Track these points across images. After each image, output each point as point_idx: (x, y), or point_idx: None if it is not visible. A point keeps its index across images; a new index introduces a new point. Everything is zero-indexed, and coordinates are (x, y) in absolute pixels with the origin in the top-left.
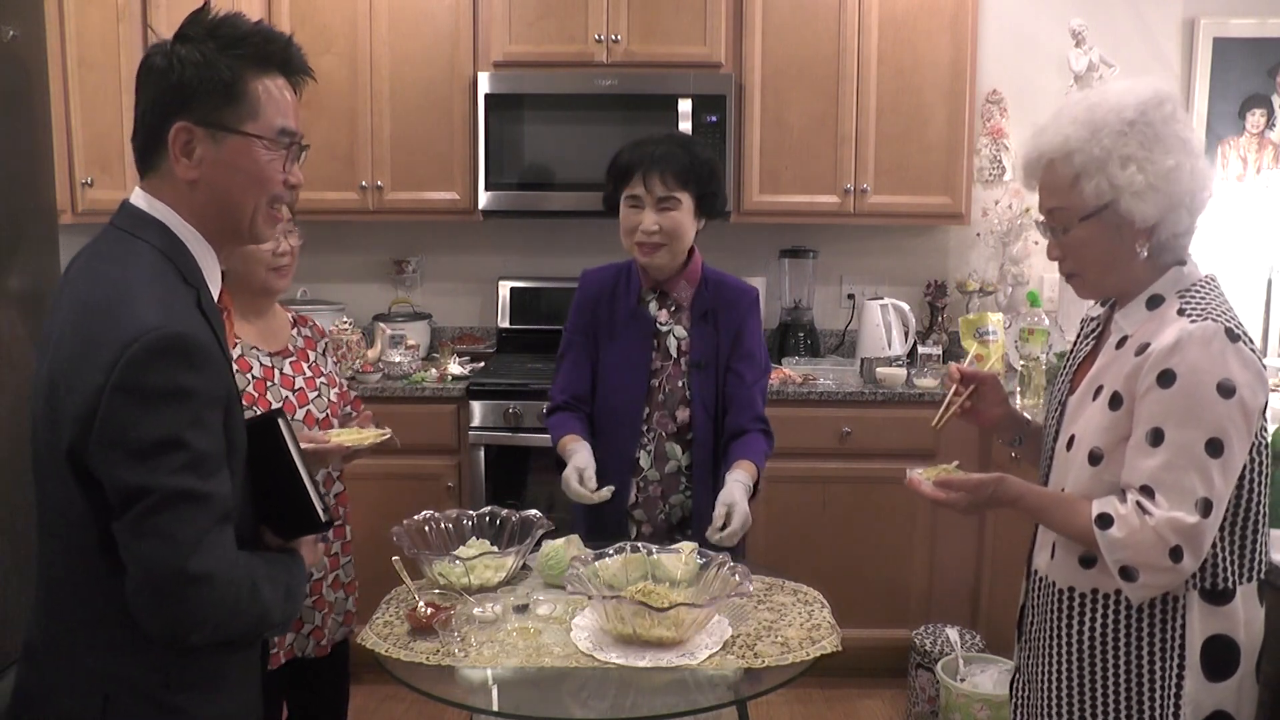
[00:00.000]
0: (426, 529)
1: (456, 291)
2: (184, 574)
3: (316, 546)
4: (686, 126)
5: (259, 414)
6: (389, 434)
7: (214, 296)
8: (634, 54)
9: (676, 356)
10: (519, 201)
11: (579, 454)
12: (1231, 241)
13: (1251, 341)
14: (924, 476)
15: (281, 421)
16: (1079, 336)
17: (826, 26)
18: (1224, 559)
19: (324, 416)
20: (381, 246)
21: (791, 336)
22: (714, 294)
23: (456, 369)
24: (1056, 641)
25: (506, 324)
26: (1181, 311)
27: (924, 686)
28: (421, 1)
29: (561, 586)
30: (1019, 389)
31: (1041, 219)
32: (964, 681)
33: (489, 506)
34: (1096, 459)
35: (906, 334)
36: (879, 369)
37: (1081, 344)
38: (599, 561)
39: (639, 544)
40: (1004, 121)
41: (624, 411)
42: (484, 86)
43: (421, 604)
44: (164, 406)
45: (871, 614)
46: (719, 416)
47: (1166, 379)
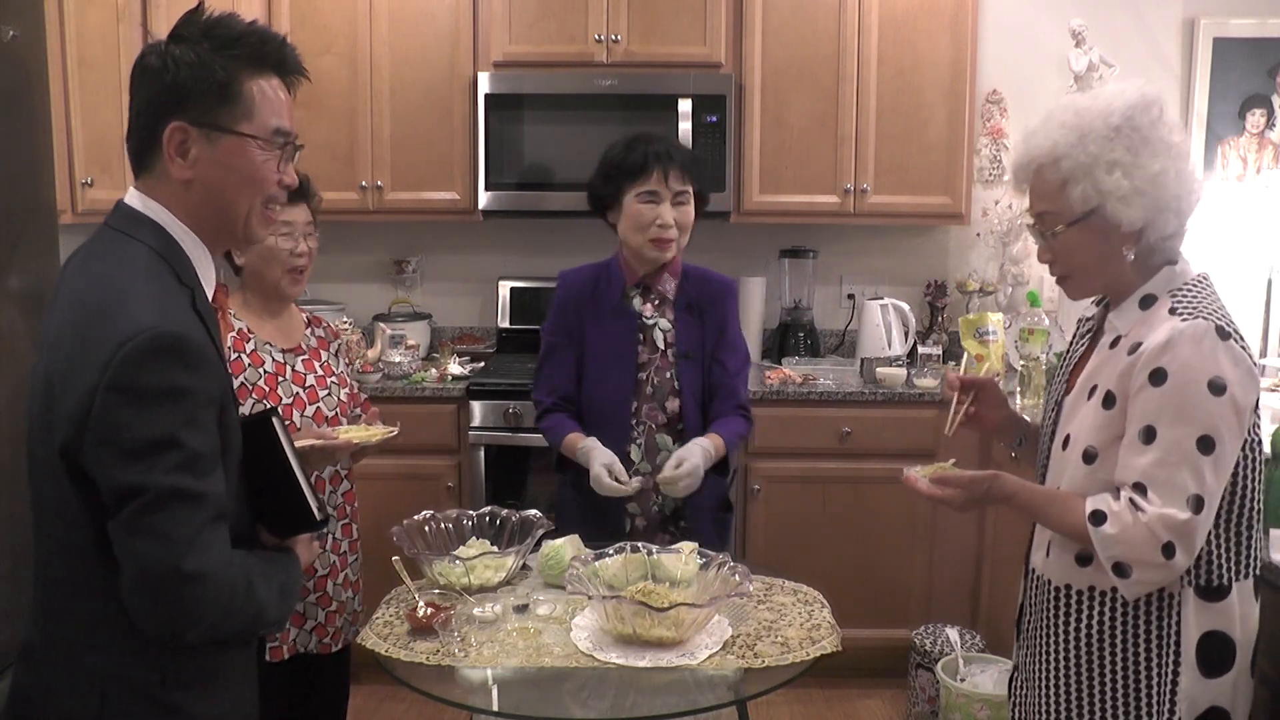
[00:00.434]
0: (426, 529)
1: (456, 291)
2: (178, 573)
3: (312, 545)
4: (686, 126)
5: (253, 413)
6: (396, 430)
7: (209, 296)
8: (634, 54)
9: (664, 348)
10: (519, 201)
11: (597, 451)
12: (1231, 241)
13: (1243, 339)
14: (920, 474)
15: (275, 420)
16: (1074, 337)
17: (826, 26)
18: (1219, 555)
19: (333, 415)
20: (381, 246)
21: (791, 336)
22: (696, 287)
23: (456, 369)
24: (1054, 639)
25: (506, 324)
26: (1173, 310)
27: (924, 686)
28: (421, 1)
29: (561, 586)
30: (1019, 389)
31: (1031, 222)
32: (964, 681)
33: (489, 506)
34: (1091, 458)
35: (906, 334)
36: (879, 369)
37: (1077, 344)
38: (599, 561)
39: (639, 544)
40: (1004, 121)
41: (613, 406)
42: (484, 86)
43: (421, 604)
44: (158, 406)
45: (871, 614)
46: (706, 406)
47: (1158, 377)
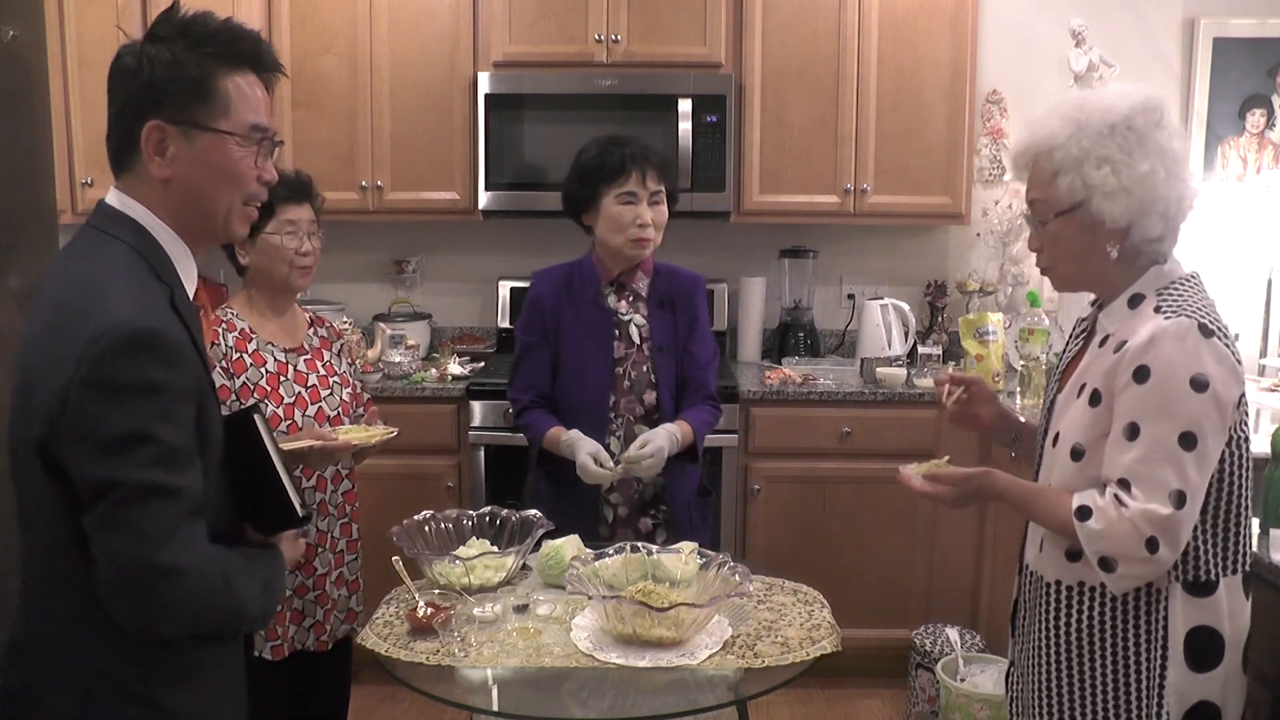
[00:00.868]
0: (426, 529)
1: (456, 291)
2: (153, 567)
3: (298, 541)
4: (686, 126)
5: (235, 409)
6: (395, 432)
7: (189, 293)
8: (634, 54)
9: (639, 343)
10: (519, 201)
11: (582, 441)
12: (1231, 241)
13: (1227, 336)
14: (914, 471)
15: (257, 416)
16: (1070, 336)
17: (826, 26)
18: (1206, 551)
19: (335, 415)
20: (381, 246)
21: (791, 336)
22: (668, 282)
23: (456, 369)
24: (1046, 634)
25: (506, 324)
26: (1158, 309)
27: (924, 686)
28: (421, 1)
29: (561, 586)
30: (1019, 389)
31: (1026, 210)
32: (964, 681)
33: (489, 506)
34: (1079, 454)
35: (906, 334)
36: (879, 369)
37: (1072, 344)
38: (599, 561)
39: (639, 544)
40: (1004, 121)
41: (592, 400)
42: (484, 86)
43: (421, 604)
44: (132, 401)
45: (871, 614)
46: (680, 396)
47: (1142, 375)
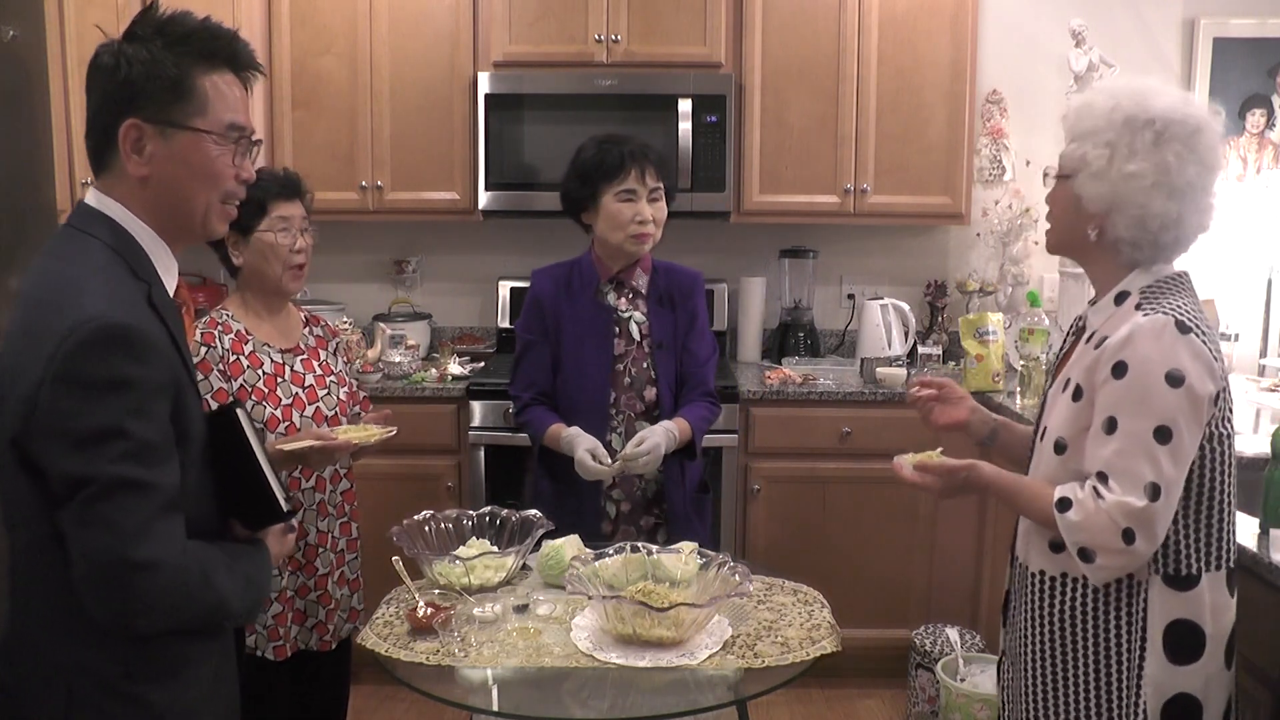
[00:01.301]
0: (426, 529)
1: (456, 291)
2: (127, 562)
3: (285, 537)
4: (686, 126)
5: (217, 406)
6: (394, 431)
7: (169, 290)
8: (634, 54)
9: (639, 340)
10: (519, 201)
11: (581, 437)
12: (1231, 241)
13: (1205, 334)
14: (906, 461)
15: (240, 412)
16: (1066, 334)
17: (826, 26)
18: (1187, 545)
19: (333, 414)
20: (381, 246)
21: (791, 336)
22: (667, 279)
23: (456, 369)
24: (1032, 624)
25: (506, 324)
26: (1138, 306)
27: (924, 686)
28: (421, 1)
29: (561, 586)
30: (1019, 389)
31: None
32: (964, 681)
33: (489, 506)
34: (1061, 448)
35: (906, 334)
36: (879, 369)
37: (1066, 341)
38: (599, 561)
39: (639, 544)
40: (1004, 121)
41: (593, 397)
42: (484, 86)
43: (421, 604)
44: (104, 396)
45: (871, 614)
46: (679, 393)
47: (1120, 370)
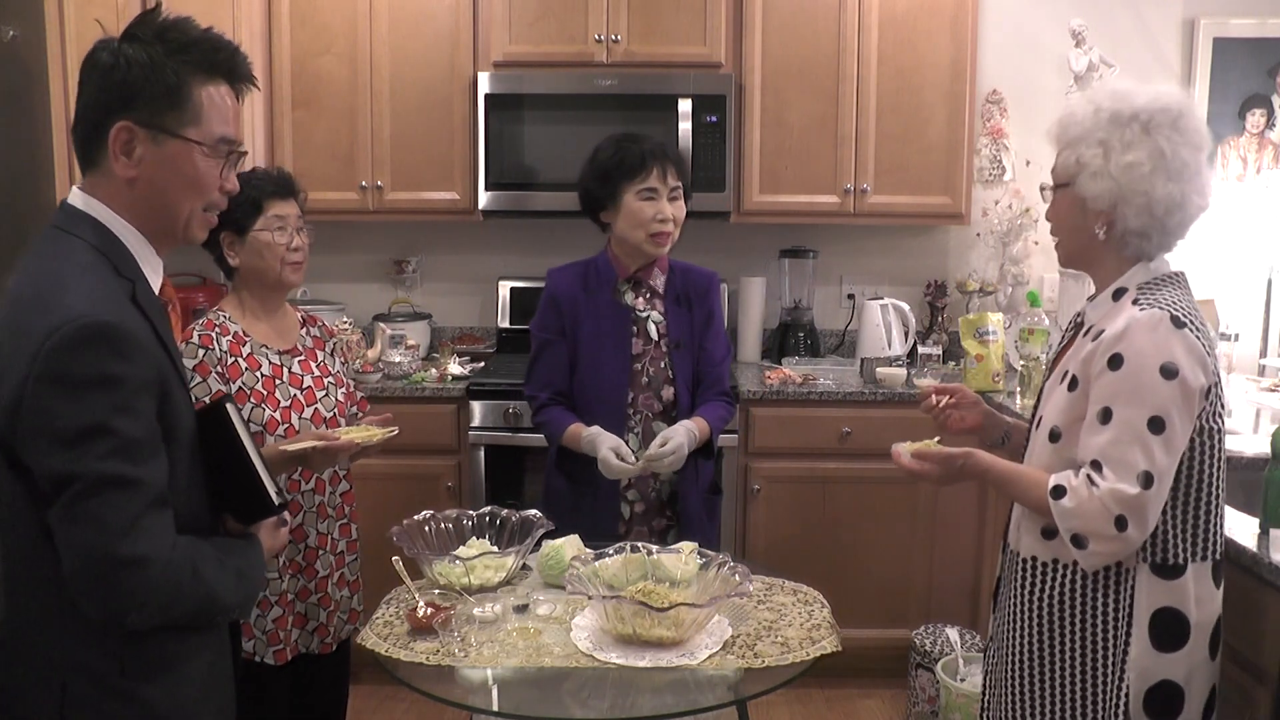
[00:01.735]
0: (426, 529)
1: (456, 291)
2: (115, 558)
3: (278, 531)
4: (686, 126)
5: (208, 401)
6: (396, 431)
7: (154, 288)
8: (634, 54)
9: (657, 339)
10: (519, 201)
11: (603, 436)
12: (1231, 241)
13: (1199, 329)
14: (905, 449)
15: (230, 407)
16: (1065, 331)
17: (826, 26)
18: (1174, 535)
19: (331, 415)
20: (381, 246)
21: (791, 336)
22: (683, 279)
23: (456, 369)
24: (1021, 609)
25: (506, 324)
26: (1135, 301)
27: (924, 686)
28: (421, 1)
29: (561, 586)
30: (1019, 389)
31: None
32: (964, 681)
33: (489, 506)
34: (1056, 436)
35: (906, 334)
36: (879, 369)
37: (1064, 337)
38: (599, 561)
39: (639, 544)
40: (1004, 121)
41: (610, 397)
42: (484, 86)
43: (421, 604)
44: (88, 393)
45: (871, 614)
46: (696, 392)
47: (1115, 362)
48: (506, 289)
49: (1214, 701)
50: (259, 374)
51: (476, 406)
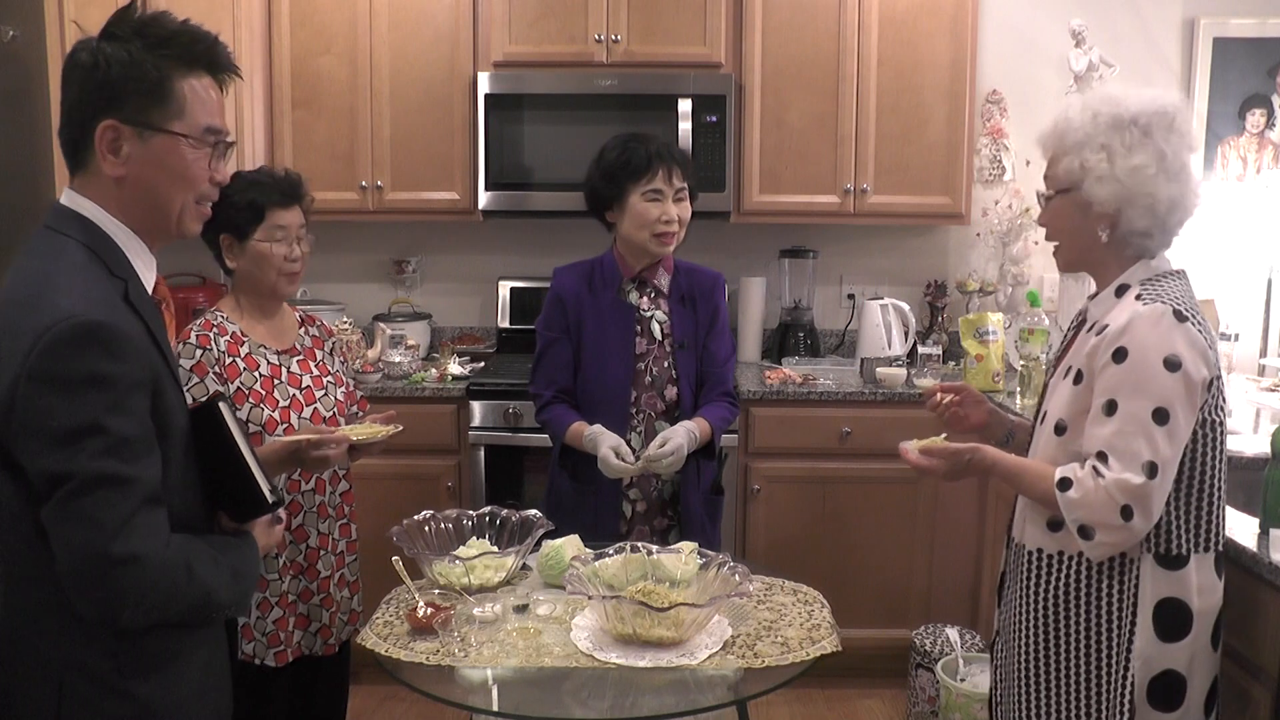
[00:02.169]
0: (426, 529)
1: (456, 291)
2: (109, 556)
3: (273, 529)
4: (686, 126)
5: (201, 399)
6: (401, 429)
7: (148, 287)
8: (634, 54)
9: (661, 339)
10: (519, 201)
11: (604, 435)
12: (1231, 241)
13: (1201, 324)
14: (912, 447)
15: (223, 405)
16: (1067, 330)
17: (826, 26)
18: (1177, 526)
19: (330, 415)
20: (381, 246)
21: (791, 336)
22: (688, 280)
23: (456, 369)
24: (1027, 601)
25: (506, 324)
26: (1138, 297)
27: (924, 686)
28: (421, 1)
29: (561, 586)
30: (1019, 389)
31: (1039, 188)
32: (964, 681)
33: (489, 506)
34: (1061, 430)
35: (906, 334)
36: (879, 369)
37: (1067, 335)
38: (599, 561)
39: (639, 544)
40: (1004, 121)
41: (613, 396)
42: (484, 86)
43: (421, 604)
44: (80, 393)
45: (871, 614)
46: (699, 392)
47: (1120, 355)
48: (506, 289)
49: (1215, 693)
50: (257, 374)
51: (476, 406)
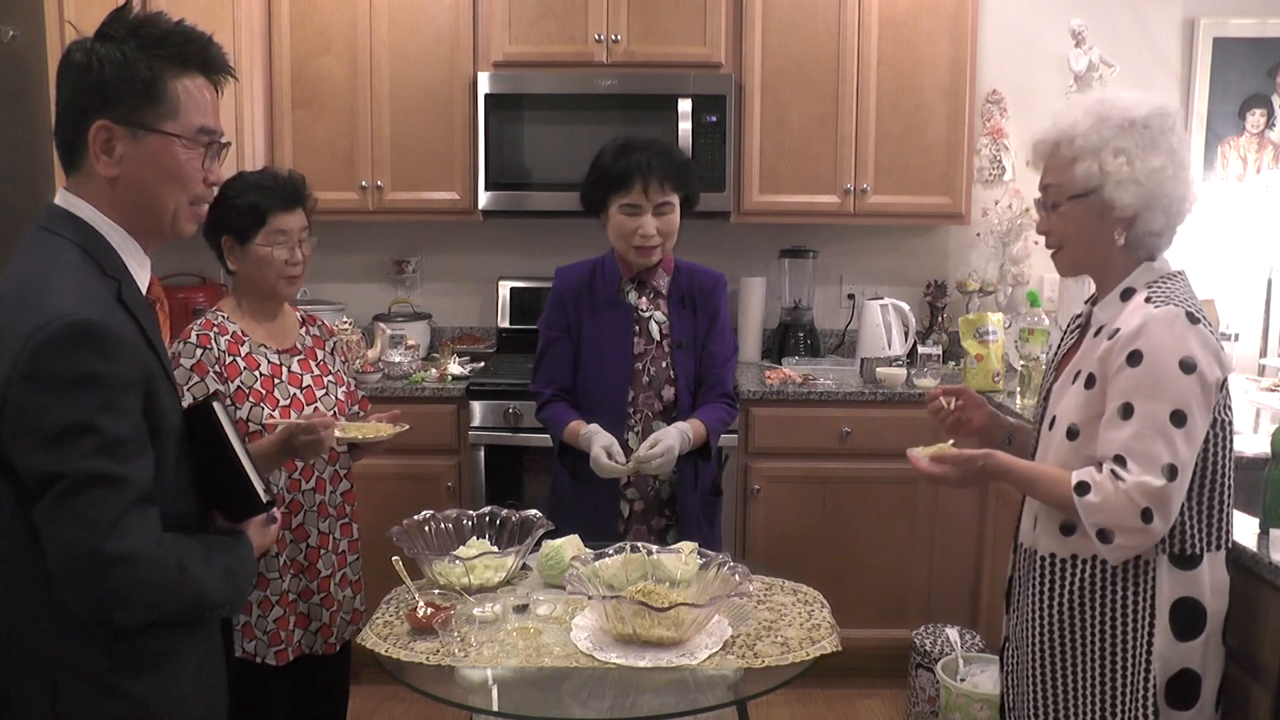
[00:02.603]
0: (426, 529)
1: (456, 291)
2: (101, 555)
3: (267, 528)
4: (686, 126)
5: (195, 400)
6: (408, 427)
7: (142, 287)
8: (634, 54)
9: (659, 339)
10: (519, 201)
11: (598, 435)
12: (1231, 241)
13: (1211, 325)
14: (921, 454)
15: (216, 405)
16: (1065, 331)
17: (826, 26)
18: (1191, 526)
19: (331, 414)
20: (381, 246)
21: (791, 336)
22: (688, 280)
23: (456, 369)
24: (1039, 606)
25: (506, 324)
26: (1148, 300)
27: (924, 686)
28: (421, 1)
29: (561, 586)
30: (1019, 389)
31: (1039, 195)
32: (964, 681)
33: (489, 506)
34: (1074, 434)
35: (906, 334)
36: (879, 369)
37: (1067, 338)
38: (599, 561)
39: (639, 544)
40: (1004, 121)
41: (611, 396)
42: (484, 86)
43: (421, 604)
44: (72, 392)
45: (871, 614)
46: (698, 393)
47: (1134, 359)
48: (506, 289)
49: (1224, 689)
50: (258, 373)
51: (476, 406)
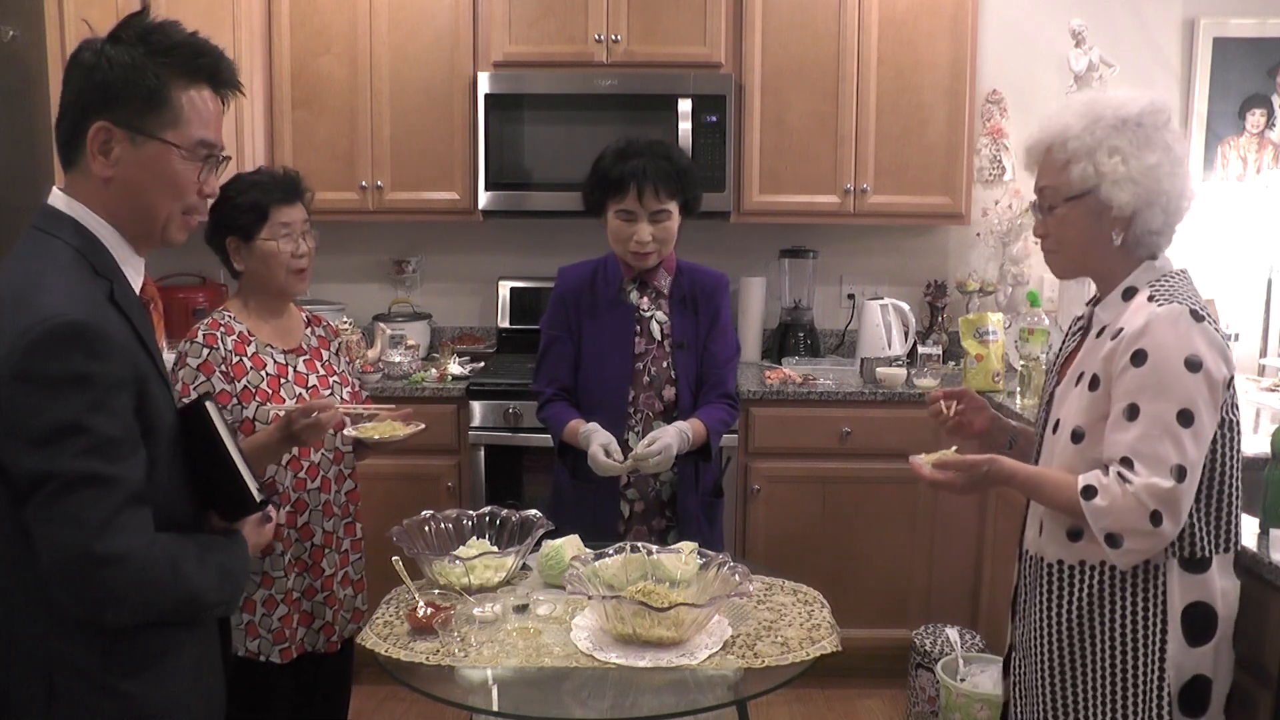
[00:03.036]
0: (426, 529)
1: (456, 291)
2: (91, 555)
3: (262, 527)
4: (686, 126)
5: (188, 400)
6: (423, 426)
7: (135, 287)
8: (634, 54)
9: (660, 339)
10: (519, 201)
11: (597, 433)
12: (1231, 241)
13: (1214, 323)
14: (924, 460)
15: (210, 405)
16: (1067, 334)
17: (826, 26)
18: (1200, 529)
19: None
20: (381, 246)
21: (791, 336)
22: (690, 281)
23: (456, 369)
24: (1047, 614)
25: (506, 324)
26: (1151, 298)
27: (924, 686)
28: (421, 1)
29: (561, 586)
30: (1019, 389)
31: (1034, 198)
32: (964, 681)
33: (489, 506)
34: (1079, 437)
35: (906, 334)
36: (879, 369)
37: (1069, 340)
38: (599, 561)
39: (639, 544)
40: (1004, 121)
41: (612, 395)
42: (484, 86)
43: (421, 604)
44: (62, 392)
45: (871, 614)
46: (699, 393)
47: (1139, 358)
48: (506, 289)
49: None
50: (264, 373)
51: (476, 406)
